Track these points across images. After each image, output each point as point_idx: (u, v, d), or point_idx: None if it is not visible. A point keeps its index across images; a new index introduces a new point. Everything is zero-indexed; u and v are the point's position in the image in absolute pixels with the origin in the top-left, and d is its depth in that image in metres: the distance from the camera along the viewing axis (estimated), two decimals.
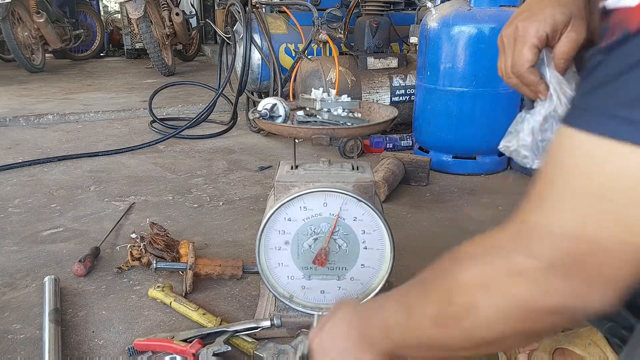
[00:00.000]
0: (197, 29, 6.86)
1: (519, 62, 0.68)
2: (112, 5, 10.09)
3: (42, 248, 1.60)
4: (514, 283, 0.47)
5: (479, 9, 2.13)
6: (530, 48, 0.67)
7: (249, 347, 1.07)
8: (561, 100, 0.67)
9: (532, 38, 0.66)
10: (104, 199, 2.01)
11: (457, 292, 0.52)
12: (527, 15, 0.67)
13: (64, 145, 2.83)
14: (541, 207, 0.48)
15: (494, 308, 0.49)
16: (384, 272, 1.10)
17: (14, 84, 4.92)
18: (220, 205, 1.94)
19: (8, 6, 5.05)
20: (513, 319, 0.49)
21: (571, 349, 0.95)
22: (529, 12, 0.68)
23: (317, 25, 2.65)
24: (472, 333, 0.52)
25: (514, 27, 0.69)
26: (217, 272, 1.35)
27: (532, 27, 0.66)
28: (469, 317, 0.51)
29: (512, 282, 0.48)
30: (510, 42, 0.69)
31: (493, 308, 0.49)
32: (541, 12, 0.66)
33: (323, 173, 1.09)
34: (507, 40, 0.70)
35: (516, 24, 0.68)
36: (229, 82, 3.15)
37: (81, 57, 7.17)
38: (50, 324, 1.14)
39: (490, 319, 0.50)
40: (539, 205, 0.48)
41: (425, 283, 0.60)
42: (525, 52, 0.67)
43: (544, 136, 0.68)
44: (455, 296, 0.52)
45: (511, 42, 0.69)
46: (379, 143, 2.60)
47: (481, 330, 0.51)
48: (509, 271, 0.48)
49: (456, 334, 0.53)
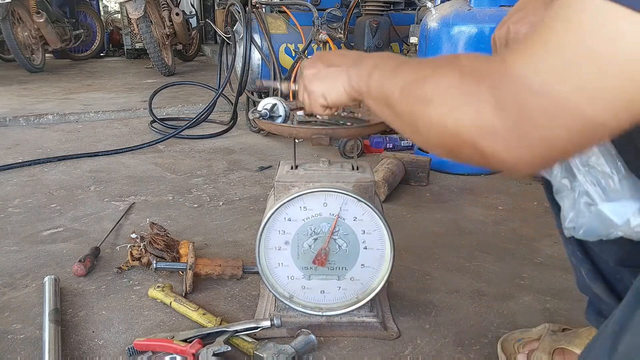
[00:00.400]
0: (197, 29, 6.86)
1: None
2: (112, 5, 10.09)
3: (42, 248, 1.60)
4: (465, 106, 0.50)
5: (479, 9, 2.13)
6: None
7: (249, 347, 1.07)
8: None
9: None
10: (104, 199, 2.01)
11: (430, 85, 0.55)
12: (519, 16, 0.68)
13: (64, 145, 2.83)
14: (526, 55, 0.47)
15: (438, 113, 0.53)
16: (384, 272, 1.10)
17: (14, 84, 4.92)
18: (220, 205, 1.95)
19: (8, 6, 5.05)
20: (446, 132, 0.52)
21: (570, 349, 0.95)
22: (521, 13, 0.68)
23: (317, 25, 2.65)
24: (414, 117, 0.57)
25: (505, 28, 0.69)
26: (217, 272, 1.35)
27: (524, 28, 0.67)
28: (422, 105, 0.55)
29: (464, 104, 0.50)
30: (503, 43, 0.70)
31: (437, 113, 0.53)
32: (533, 14, 0.67)
33: (323, 173, 1.09)
34: (500, 42, 0.70)
35: (508, 26, 0.68)
36: (229, 82, 3.15)
37: (81, 57, 7.18)
38: (50, 324, 1.13)
39: (431, 118, 0.54)
40: (525, 52, 0.47)
41: (421, 63, 0.63)
42: None
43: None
44: (427, 85, 0.55)
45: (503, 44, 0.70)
46: (379, 143, 2.60)
47: (420, 122, 0.56)
48: (469, 95, 0.50)
49: (405, 110, 0.59)
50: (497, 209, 1.90)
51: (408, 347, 1.12)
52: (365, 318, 1.15)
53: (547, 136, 0.46)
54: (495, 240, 1.63)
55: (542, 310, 1.25)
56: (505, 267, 1.46)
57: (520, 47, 0.48)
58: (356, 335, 1.14)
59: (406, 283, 1.38)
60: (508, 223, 1.76)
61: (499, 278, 1.40)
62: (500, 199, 1.98)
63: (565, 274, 1.41)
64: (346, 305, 1.13)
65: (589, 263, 0.86)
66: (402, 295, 1.32)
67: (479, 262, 1.49)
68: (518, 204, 1.92)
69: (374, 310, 1.16)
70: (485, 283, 1.38)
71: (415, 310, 1.25)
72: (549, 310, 1.25)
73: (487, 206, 1.92)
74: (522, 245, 1.60)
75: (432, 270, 1.44)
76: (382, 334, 1.14)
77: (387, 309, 1.23)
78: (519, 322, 1.20)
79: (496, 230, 1.71)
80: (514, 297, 1.31)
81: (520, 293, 1.33)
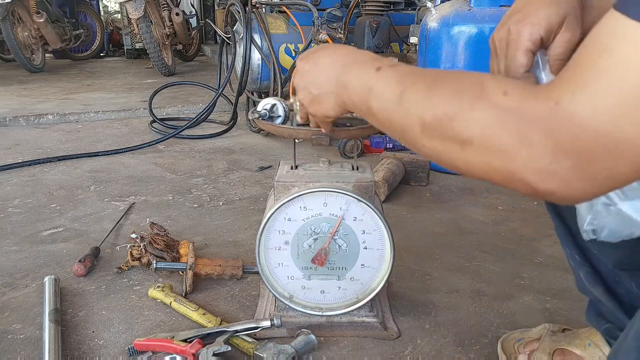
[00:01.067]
0: (197, 29, 6.86)
1: (513, 68, 0.66)
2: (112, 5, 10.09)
3: (42, 248, 1.60)
4: (516, 149, 0.48)
5: (479, 9, 2.13)
6: (525, 52, 0.65)
7: (249, 347, 1.07)
8: None
9: (526, 42, 0.65)
10: (104, 199, 2.01)
11: (462, 125, 0.51)
12: (520, 17, 0.65)
13: (64, 145, 2.83)
14: (580, 94, 0.45)
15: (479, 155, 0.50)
16: (384, 272, 1.10)
17: (14, 84, 4.92)
18: (220, 205, 1.95)
19: (8, 6, 5.05)
20: (490, 170, 0.51)
21: (570, 350, 0.95)
22: (522, 13, 0.65)
23: (317, 25, 2.65)
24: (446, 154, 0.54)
25: (506, 29, 0.67)
26: (217, 272, 1.35)
27: (525, 30, 0.64)
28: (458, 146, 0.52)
29: (514, 148, 0.48)
30: (503, 45, 0.67)
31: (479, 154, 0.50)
32: (535, 14, 0.64)
33: (323, 173, 1.09)
34: (500, 44, 0.68)
35: (508, 27, 0.66)
36: (229, 82, 3.15)
37: (81, 57, 7.18)
38: (50, 324, 1.13)
39: (471, 158, 0.52)
40: (579, 91, 0.45)
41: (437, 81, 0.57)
42: (520, 56, 0.65)
43: None
44: (458, 125, 0.52)
45: (503, 46, 0.67)
46: (379, 143, 2.60)
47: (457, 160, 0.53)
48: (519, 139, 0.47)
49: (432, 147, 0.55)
50: (497, 209, 1.90)
51: (408, 347, 1.12)
52: (365, 318, 1.15)
53: (610, 172, 0.45)
54: (495, 240, 1.63)
55: (542, 310, 1.25)
56: (505, 267, 1.46)
57: (571, 85, 0.46)
58: (356, 335, 1.14)
59: (406, 283, 1.38)
60: (508, 223, 1.76)
61: (499, 278, 1.40)
62: (500, 199, 1.98)
63: (565, 274, 1.41)
64: (346, 305, 1.13)
65: (587, 266, 0.86)
66: (402, 295, 1.32)
67: (479, 262, 1.49)
68: (518, 204, 1.92)
69: (374, 310, 1.16)
70: (485, 283, 1.38)
71: (415, 310, 1.25)
72: (549, 310, 1.25)
73: (487, 206, 1.92)
74: (522, 245, 1.60)
75: (432, 270, 1.44)
76: (382, 334, 1.14)
77: (387, 309, 1.23)
78: (519, 322, 1.20)
79: (496, 230, 1.71)
80: (514, 297, 1.31)
81: (520, 293, 1.33)
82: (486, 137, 0.50)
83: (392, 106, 0.60)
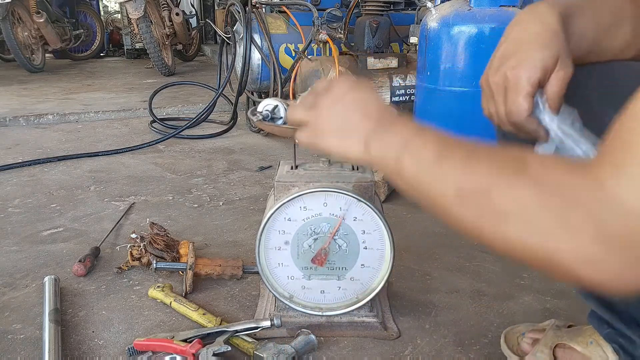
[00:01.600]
0: (197, 29, 6.86)
1: (515, 112, 0.66)
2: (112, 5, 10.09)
3: (42, 248, 1.60)
4: (556, 231, 0.45)
5: (479, 9, 2.13)
6: (526, 97, 0.65)
7: (249, 347, 1.07)
8: (564, 141, 0.65)
9: (526, 87, 0.65)
10: (104, 199, 2.01)
11: (500, 198, 0.49)
12: (515, 62, 0.66)
13: (64, 145, 2.83)
14: (618, 175, 0.43)
15: (517, 232, 0.48)
16: (384, 272, 1.10)
17: (14, 84, 4.92)
18: (220, 205, 1.95)
19: (8, 6, 5.05)
20: (527, 250, 0.48)
21: (572, 346, 0.95)
22: (516, 58, 0.66)
23: (317, 25, 2.65)
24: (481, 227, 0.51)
25: (502, 75, 0.66)
26: (217, 272, 1.35)
27: (523, 75, 0.65)
28: (495, 220, 0.50)
29: (553, 229, 0.46)
30: (500, 90, 0.67)
31: (517, 231, 0.48)
32: (530, 58, 0.65)
33: (323, 173, 1.09)
34: (496, 88, 0.68)
35: (505, 72, 0.66)
36: (229, 82, 3.15)
37: (81, 57, 7.17)
38: (50, 324, 1.13)
39: (508, 235, 0.49)
40: (616, 172, 0.44)
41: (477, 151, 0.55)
42: (521, 101, 0.66)
43: None
44: (496, 197, 0.50)
45: (501, 91, 0.67)
46: None
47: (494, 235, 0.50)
48: (559, 219, 0.45)
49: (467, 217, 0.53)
50: None
51: (408, 347, 1.12)
52: (365, 318, 1.15)
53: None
54: None
55: (542, 310, 1.25)
56: (505, 267, 1.46)
57: (615, 166, 0.44)
58: (356, 335, 1.14)
59: (406, 283, 1.38)
60: None
61: (499, 278, 1.40)
62: None
63: None
64: (346, 305, 1.13)
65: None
66: (402, 295, 1.32)
67: (479, 262, 1.49)
68: None
69: (374, 310, 1.16)
70: (485, 283, 1.38)
71: (415, 310, 1.25)
72: (549, 310, 1.25)
73: None
74: None
75: (432, 270, 1.44)
76: (382, 334, 1.14)
77: (387, 309, 1.23)
78: (519, 322, 1.19)
79: None
80: (514, 297, 1.31)
81: (520, 293, 1.33)
82: (526, 213, 0.47)
83: (426, 167, 0.58)
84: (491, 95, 0.70)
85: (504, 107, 0.68)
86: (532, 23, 0.67)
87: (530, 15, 0.69)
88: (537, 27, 0.67)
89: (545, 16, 0.67)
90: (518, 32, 0.68)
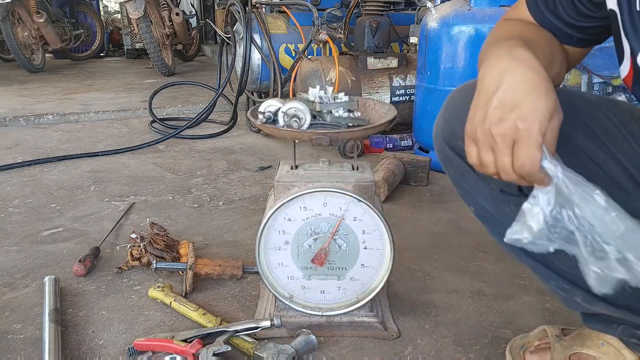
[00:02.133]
0: (197, 29, 6.86)
1: (529, 164, 0.65)
2: (112, 5, 10.08)
3: (42, 248, 1.60)
4: None
5: (479, 9, 2.13)
6: (539, 148, 0.65)
7: (249, 347, 1.07)
8: (567, 185, 0.67)
9: (538, 138, 0.64)
10: (104, 199, 2.01)
11: None
12: (525, 112, 0.65)
13: (64, 145, 2.83)
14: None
15: None
16: (384, 272, 1.10)
17: (14, 84, 4.92)
18: (220, 205, 1.95)
19: (8, 6, 5.05)
20: None
21: (586, 352, 0.94)
22: (525, 108, 0.65)
23: (317, 25, 2.65)
24: None
25: (510, 126, 0.65)
26: (217, 272, 1.35)
27: (536, 126, 0.64)
28: None
29: None
30: (508, 141, 0.66)
31: None
32: (539, 108, 0.64)
33: (323, 173, 1.09)
34: (502, 140, 0.66)
35: (514, 124, 0.65)
36: (229, 82, 3.15)
37: (81, 57, 7.17)
38: (50, 324, 1.14)
39: None
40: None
41: None
42: (535, 152, 0.65)
43: (555, 222, 0.68)
44: None
45: (508, 142, 0.66)
46: (379, 143, 2.60)
47: None
48: None
49: None
50: None
51: (408, 347, 1.12)
52: (365, 318, 1.15)
53: None
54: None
55: (542, 310, 1.25)
56: (505, 267, 1.46)
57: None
58: (356, 335, 1.14)
59: (406, 283, 1.38)
60: None
61: (499, 278, 1.40)
62: None
63: None
64: (346, 305, 1.13)
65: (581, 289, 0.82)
66: (402, 295, 1.32)
67: (479, 262, 1.49)
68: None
69: (374, 310, 1.16)
70: (485, 283, 1.38)
71: (415, 310, 1.25)
72: (549, 310, 1.25)
73: None
74: None
75: (432, 270, 1.44)
76: (382, 334, 1.14)
77: (387, 309, 1.23)
78: (519, 322, 1.20)
79: None
80: (514, 297, 1.31)
81: (520, 293, 1.33)
82: None
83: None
84: (490, 146, 0.68)
85: (510, 159, 0.67)
86: (523, 71, 0.67)
87: (515, 61, 0.68)
88: (531, 74, 0.66)
89: (531, 62, 0.67)
90: (512, 81, 0.66)
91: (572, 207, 0.67)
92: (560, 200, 0.68)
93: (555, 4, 0.82)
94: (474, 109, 0.70)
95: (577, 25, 0.82)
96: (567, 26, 0.82)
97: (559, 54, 0.82)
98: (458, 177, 0.89)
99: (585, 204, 0.65)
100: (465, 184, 0.89)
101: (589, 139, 0.79)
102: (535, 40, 0.77)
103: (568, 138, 0.78)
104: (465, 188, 0.90)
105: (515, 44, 0.71)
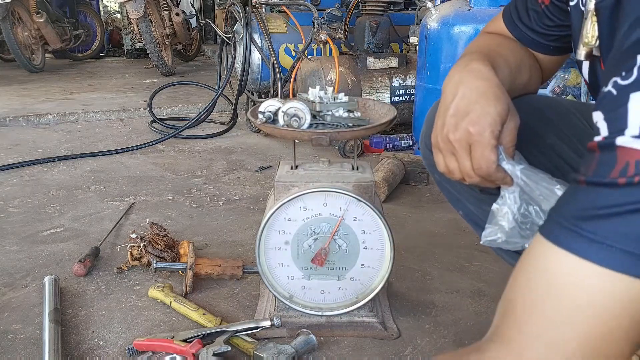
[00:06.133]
0: (197, 29, 6.86)
1: (485, 165, 0.70)
2: (112, 5, 10.08)
3: (42, 248, 1.60)
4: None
5: (479, 9, 2.13)
6: (492, 149, 0.70)
7: (249, 347, 1.07)
8: (527, 183, 0.71)
9: (491, 140, 0.69)
10: (104, 199, 2.01)
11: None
12: (475, 118, 0.69)
13: (64, 145, 2.83)
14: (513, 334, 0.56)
15: None
16: (384, 272, 1.10)
17: (14, 84, 4.92)
18: (220, 205, 1.95)
19: (8, 6, 5.05)
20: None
21: None
22: (475, 114, 0.69)
23: (317, 25, 2.65)
24: None
25: (463, 131, 0.70)
26: (217, 272, 1.35)
27: (487, 129, 0.69)
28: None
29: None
30: (464, 145, 0.71)
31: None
32: (489, 113, 0.69)
33: (323, 173, 1.09)
34: (459, 145, 0.71)
35: (466, 129, 0.70)
36: (229, 82, 3.15)
37: (81, 57, 7.17)
38: (50, 324, 1.13)
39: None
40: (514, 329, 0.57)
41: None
42: (489, 154, 0.70)
43: (524, 219, 0.73)
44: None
45: (464, 146, 0.71)
46: (379, 143, 2.60)
47: None
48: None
49: None
50: None
51: (408, 347, 1.12)
52: (365, 318, 1.15)
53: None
54: None
55: None
56: (505, 267, 1.45)
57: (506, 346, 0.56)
58: (356, 335, 1.14)
59: (406, 283, 1.38)
60: None
61: (499, 278, 1.40)
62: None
63: None
64: (346, 305, 1.13)
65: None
66: (402, 295, 1.32)
67: (479, 262, 1.49)
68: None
69: (374, 310, 1.16)
70: (485, 283, 1.38)
71: (415, 310, 1.25)
72: None
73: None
74: None
75: (432, 270, 1.44)
76: (382, 334, 1.14)
77: (387, 309, 1.23)
78: None
79: None
80: None
81: None
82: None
83: None
84: (451, 152, 0.73)
85: (469, 162, 0.72)
86: (475, 80, 0.71)
87: (469, 73, 0.72)
88: (482, 82, 0.71)
89: (483, 72, 0.72)
90: (465, 91, 0.71)
91: (537, 202, 0.71)
92: (526, 198, 0.72)
93: (529, 17, 0.87)
94: (436, 119, 0.75)
95: (551, 35, 0.86)
96: (541, 37, 0.87)
97: (528, 64, 0.86)
98: (444, 182, 0.97)
99: (548, 198, 0.69)
100: (451, 188, 0.97)
101: (559, 139, 0.87)
102: (499, 52, 0.82)
103: (542, 138, 0.87)
104: (451, 192, 0.98)
105: (472, 58, 0.75)
